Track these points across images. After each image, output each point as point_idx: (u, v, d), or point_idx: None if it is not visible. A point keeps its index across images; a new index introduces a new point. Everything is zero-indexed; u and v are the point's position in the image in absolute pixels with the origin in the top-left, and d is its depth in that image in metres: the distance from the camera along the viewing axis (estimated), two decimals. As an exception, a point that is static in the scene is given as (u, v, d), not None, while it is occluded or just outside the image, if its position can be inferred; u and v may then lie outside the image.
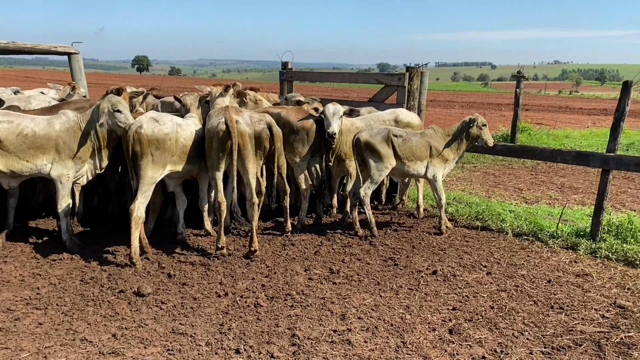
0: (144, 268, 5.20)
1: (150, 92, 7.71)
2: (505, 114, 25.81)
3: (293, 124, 6.30)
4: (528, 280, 5.15)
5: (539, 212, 7.47)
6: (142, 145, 5.13)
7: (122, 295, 4.60)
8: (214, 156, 5.38)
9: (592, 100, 44.23)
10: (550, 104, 36.34)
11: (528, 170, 11.44)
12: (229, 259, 5.53)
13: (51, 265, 5.22)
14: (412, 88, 7.48)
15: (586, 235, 6.28)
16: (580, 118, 25.56)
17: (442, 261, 5.58)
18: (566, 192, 9.41)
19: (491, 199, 8.47)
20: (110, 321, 4.14)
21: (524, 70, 13.83)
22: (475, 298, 4.71)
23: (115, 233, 6.18)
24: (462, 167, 11.45)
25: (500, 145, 7.06)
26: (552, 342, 3.98)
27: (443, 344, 3.92)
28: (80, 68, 7.95)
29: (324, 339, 3.94)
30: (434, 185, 6.45)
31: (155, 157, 5.19)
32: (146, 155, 5.15)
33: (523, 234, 6.50)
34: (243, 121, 5.40)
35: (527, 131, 14.80)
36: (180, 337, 3.94)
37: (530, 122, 17.52)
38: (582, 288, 4.99)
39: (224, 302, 4.52)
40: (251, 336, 3.96)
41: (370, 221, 6.39)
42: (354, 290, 4.84)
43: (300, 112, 6.49)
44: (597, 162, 6.18)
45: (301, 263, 5.49)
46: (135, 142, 5.12)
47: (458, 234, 6.55)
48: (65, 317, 4.19)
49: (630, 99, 6.01)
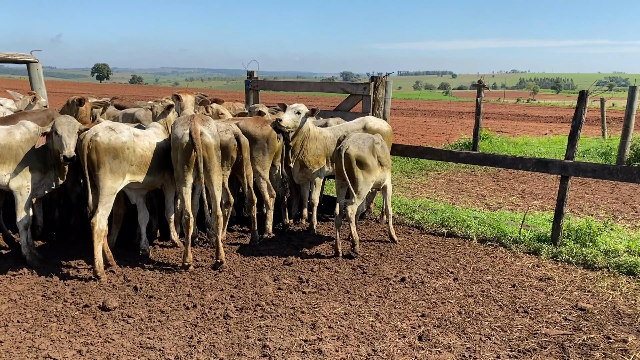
0: (109, 281, 5.08)
1: (111, 102, 7.57)
2: (467, 121, 26.38)
3: (251, 133, 6.30)
4: (493, 285, 5.26)
5: (502, 218, 7.65)
6: (99, 154, 4.97)
7: (87, 310, 4.48)
8: (179, 168, 5.29)
9: (549, 108, 45.66)
10: (509, 112, 37.33)
11: (490, 177, 11.71)
12: (197, 270, 5.46)
13: (11, 281, 5.05)
14: (377, 97, 7.58)
15: (547, 240, 6.46)
16: (538, 125, 26.35)
17: (409, 268, 5.65)
18: (527, 198, 9.67)
19: (456, 205, 8.63)
20: (75, 337, 4.03)
21: (484, 79, 14.13)
22: (443, 304, 4.78)
23: (77, 246, 6.03)
24: (427, 175, 11.63)
25: (464, 153, 7.21)
26: (518, 346, 4.07)
27: (413, 351, 3.96)
28: (40, 77, 7.74)
29: (295, 349, 3.93)
30: (389, 193, 6.57)
31: (113, 166, 5.05)
32: (103, 165, 5.00)
33: (487, 240, 6.64)
34: (209, 132, 5.32)
35: (488, 139, 15.15)
36: (148, 351, 3.86)
37: (491, 130, 17.98)
38: (545, 292, 5.12)
39: (193, 314, 4.46)
40: (221, 348, 3.92)
41: (355, 239, 5.99)
42: (323, 299, 4.84)
43: (258, 121, 6.52)
44: (556, 169, 6.37)
45: (270, 273, 5.46)
46: (92, 150, 4.96)
47: (424, 240, 6.64)
48: (27, 334, 4.05)
49: (587, 108, 6.23)
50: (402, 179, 11.04)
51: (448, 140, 16.21)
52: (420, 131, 21.67)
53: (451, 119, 28.64)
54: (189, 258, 5.41)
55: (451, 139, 16.30)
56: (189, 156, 5.19)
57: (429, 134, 20.46)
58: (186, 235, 5.40)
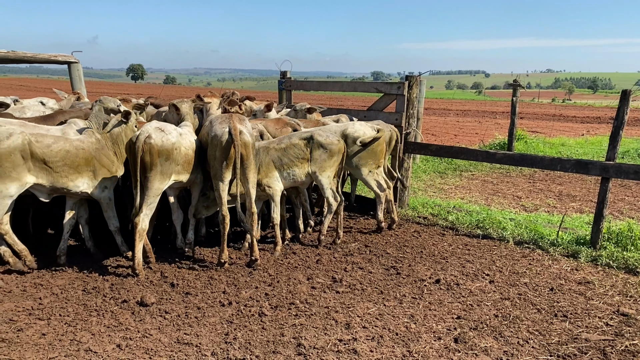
0: (146, 277, 5.18)
1: (147, 101, 7.68)
2: (500, 122, 25.98)
3: (272, 134, 6.45)
4: (531, 288, 5.16)
5: (539, 220, 7.50)
6: (152, 156, 5.03)
7: (126, 305, 4.57)
8: (217, 165, 5.33)
9: (586, 108, 44.52)
10: (544, 112, 36.55)
11: (526, 178, 11.49)
12: (232, 267, 5.52)
13: (53, 275, 5.19)
14: (411, 96, 7.52)
15: (586, 243, 6.31)
16: (574, 126, 25.71)
17: (444, 270, 5.59)
18: (564, 199, 9.45)
19: (491, 207, 8.50)
20: (114, 331, 4.12)
21: (519, 79, 13.88)
22: (479, 306, 4.72)
23: (115, 242, 6.16)
24: (460, 175, 11.49)
25: (500, 154, 7.08)
26: (557, 350, 3.98)
27: (449, 353, 3.91)
28: (80, 77, 7.94)
29: (330, 349, 3.93)
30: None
31: (164, 167, 5.14)
32: (155, 167, 5.07)
33: (524, 242, 6.52)
34: (246, 130, 5.39)
35: (523, 139, 14.88)
36: (185, 347, 3.92)
37: (526, 130, 17.63)
38: (585, 296, 5.00)
39: (228, 311, 4.50)
40: (257, 345, 3.95)
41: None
42: (357, 299, 4.83)
43: (278, 123, 6.58)
44: (596, 170, 6.21)
45: (303, 271, 5.48)
46: (145, 152, 5.02)
47: (459, 242, 6.56)
48: (68, 327, 4.16)
49: (629, 108, 6.05)
50: (436, 180, 10.94)
51: (482, 140, 15.99)
52: (452, 131, 21.40)
53: (484, 119, 28.24)
54: (225, 255, 5.47)
55: (485, 140, 16.07)
56: (228, 153, 5.24)
57: (462, 134, 20.20)
58: (222, 233, 5.46)
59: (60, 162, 4.96)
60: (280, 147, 6.02)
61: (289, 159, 6.00)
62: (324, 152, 6.02)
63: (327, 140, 6.05)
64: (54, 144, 4.94)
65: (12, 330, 4.08)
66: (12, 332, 4.05)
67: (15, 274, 5.14)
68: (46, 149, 4.88)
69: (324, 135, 6.08)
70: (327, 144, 6.03)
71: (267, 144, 6.07)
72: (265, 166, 5.95)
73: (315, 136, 6.06)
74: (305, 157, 6.05)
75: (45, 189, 5.03)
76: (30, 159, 4.80)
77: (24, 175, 4.78)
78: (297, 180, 6.11)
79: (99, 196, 5.32)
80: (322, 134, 6.10)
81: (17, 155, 4.69)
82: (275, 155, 5.99)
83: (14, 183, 4.73)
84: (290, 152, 6.00)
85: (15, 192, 4.78)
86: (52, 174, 4.96)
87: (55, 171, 4.96)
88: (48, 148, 4.90)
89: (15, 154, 4.68)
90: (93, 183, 5.23)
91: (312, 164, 6.06)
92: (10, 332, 4.05)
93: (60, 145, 4.98)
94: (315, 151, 6.02)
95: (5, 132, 4.68)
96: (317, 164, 6.05)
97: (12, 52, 7.24)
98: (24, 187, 4.85)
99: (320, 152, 6.02)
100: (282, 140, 6.09)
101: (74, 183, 5.11)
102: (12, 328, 4.11)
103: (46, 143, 4.90)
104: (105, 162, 5.29)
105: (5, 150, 4.63)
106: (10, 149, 4.66)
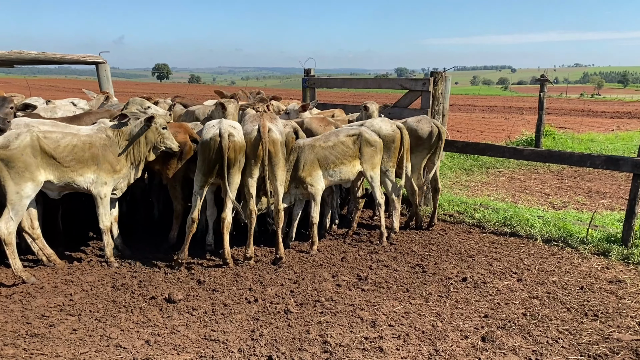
0: (173, 274, 5.24)
1: (174, 100, 7.77)
2: (527, 117, 25.57)
3: (314, 131, 6.40)
4: (560, 286, 5.07)
5: (568, 218, 7.36)
6: (236, 152, 5.26)
7: (154, 302, 4.63)
8: (246, 162, 5.45)
9: (615, 103, 43.56)
10: (572, 108, 35.87)
11: (554, 175, 11.29)
12: (257, 265, 5.55)
13: (82, 272, 5.29)
14: (437, 93, 7.45)
15: (617, 241, 6.17)
16: (604, 121, 25.16)
17: (471, 268, 5.53)
18: (594, 197, 9.26)
19: (518, 204, 8.37)
20: (142, 327, 4.18)
21: (547, 74, 13.62)
22: (507, 305, 4.65)
23: (144, 240, 6.26)
24: (487, 172, 11.35)
25: (528, 150, 6.97)
26: (588, 350, 3.91)
27: (476, 352, 3.87)
28: (108, 77, 8.07)
29: (356, 346, 3.92)
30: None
31: (241, 162, 5.38)
32: (237, 162, 5.32)
33: (552, 240, 6.41)
34: (276, 129, 5.49)
35: (551, 135, 14.62)
36: (212, 343, 3.95)
37: (554, 126, 17.32)
38: (616, 295, 4.89)
39: (254, 308, 4.53)
40: (283, 342, 3.96)
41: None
42: (383, 297, 4.81)
43: (322, 121, 6.57)
44: (628, 166, 6.06)
45: (328, 269, 5.48)
46: (230, 150, 5.20)
47: (486, 240, 6.48)
48: (98, 323, 4.24)
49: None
50: (461, 177, 10.82)
51: (509, 137, 15.76)
52: (478, 127, 21.14)
53: (511, 115, 27.84)
54: (251, 250, 5.56)
55: (512, 136, 15.84)
56: (257, 150, 5.35)
57: (488, 131, 19.94)
58: (249, 228, 5.53)
59: (68, 156, 4.97)
60: (327, 144, 5.99)
61: (336, 156, 5.96)
62: (372, 149, 6.02)
63: (373, 138, 6.03)
64: (62, 139, 4.96)
65: (44, 325, 4.17)
66: (44, 327, 4.14)
67: (47, 271, 5.26)
68: (54, 144, 4.90)
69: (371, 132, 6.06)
70: (374, 141, 6.02)
71: (312, 141, 6.03)
72: (309, 164, 5.92)
73: (364, 133, 6.03)
74: (354, 154, 6.02)
75: (54, 186, 5.04)
76: (40, 156, 4.82)
77: (37, 173, 4.81)
78: (343, 178, 6.08)
79: (97, 191, 5.26)
80: (369, 130, 6.09)
81: (28, 154, 4.72)
82: (321, 153, 5.96)
83: (28, 183, 4.76)
84: (337, 149, 5.97)
85: (32, 192, 4.81)
86: (60, 169, 4.97)
87: (64, 166, 4.98)
88: (56, 143, 4.91)
89: (26, 153, 4.70)
90: (94, 178, 5.21)
91: (362, 161, 6.06)
92: (43, 327, 4.14)
93: (68, 140, 4.99)
94: (365, 148, 6.01)
95: (14, 134, 4.69)
96: (367, 162, 6.07)
97: (42, 54, 7.39)
98: (39, 186, 4.87)
99: (369, 149, 6.02)
100: (328, 137, 6.07)
101: (83, 178, 5.12)
102: (45, 324, 4.20)
103: (54, 138, 4.92)
104: (110, 159, 5.26)
105: (16, 151, 4.66)
106: (21, 149, 4.68)
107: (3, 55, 7.09)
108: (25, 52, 7.33)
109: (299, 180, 5.91)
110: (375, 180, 6.16)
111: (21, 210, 4.81)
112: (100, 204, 5.31)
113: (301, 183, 5.92)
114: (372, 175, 6.13)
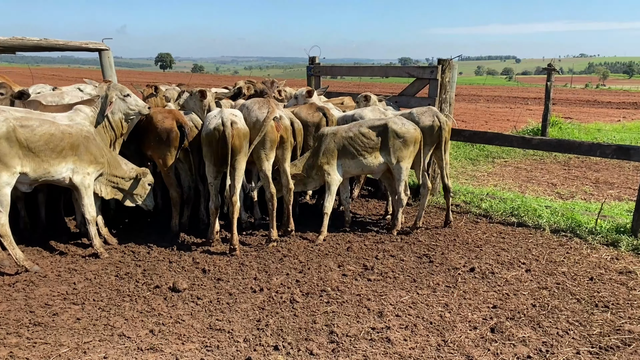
0: (178, 263, 5.19)
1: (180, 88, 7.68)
2: (532, 107, 25.37)
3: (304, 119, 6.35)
4: (569, 277, 5.00)
5: (576, 208, 7.27)
6: (240, 139, 5.34)
7: (158, 291, 4.58)
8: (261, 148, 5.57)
9: (621, 94, 43.22)
10: (577, 98, 35.59)
11: (560, 164, 11.18)
12: (262, 253, 5.49)
13: (86, 261, 5.24)
14: (444, 81, 7.34)
15: (627, 231, 6.09)
16: (610, 112, 24.95)
17: (479, 258, 5.46)
18: (601, 187, 9.16)
19: (525, 194, 8.28)
20: (147, 317, 4.13)
21: (553, 63, 13.46)
22: (515, 296, 4.59)
23: (147, 229, 6.21)
24: (493, 162, 11.25)
25: (537, 139, 6.87)
26: (599, 342, 3.84)
27: (485, 343, 3.81)
28: (111, 64, 7.98)
29: (363, 337, 3.86)
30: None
31: (246, 149, 5.44)
32: (242, 148, 5.39)
33: (561, 230, 6.33)
34: (285, 115, 5.69)
35: (557, 125, 14.48)
36: (217, 333, 3.90)
37: (560, 116, 17.18)
38: (627, 286, 4.82)
39: (260, 297, 4.48)
40: (289, 332, 3.91)
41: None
42: (389, 287, 4.75)
43: (311, 108, 6.53)
44: (638, 156, 5.96)
45: (334, 259, 5.41)
46: (235, 137, 5.27)
47: (493, 230, 6.41)
48: (102, 312, 4.19)
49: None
50: (467, 167, 10.73)
51: (515, 126, 15.62)
52: (483, 117, 20.98)
53: (516, 105, 27.62)
54: (274, 233, 5.74)
55: (518, 126, 15.70)
56: (273, 136, 5.53)
57: (493, 120, 19.79)
58: (270, 210, 5.72)
59: (43, 145, 4.78)
60: (348, 135, 5.91)
61: (356, 148, 5.90)
62: (400, 141, 5.91)
63: (402, 129, 5.92)
64: (39, 127, 4.77)
65: (47, 314, 4.13)
66: (47, 316, 4.10)
67: (50, 260, 5.21)
68: (30, 132, 4.71)
69: (399, 124, 5.94)
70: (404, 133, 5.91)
71: (335, 130, 6.00)
72: (329, 152, 5.91)
73: (390, 124, 5.91)
74: (376, 146, 5.93)
75: (27, 178, 4.84)
76: (17, 145, 4.62)
77: (14, 162, 4.62)
78: (364, 169, 6.04)
79: (79, 182, 5.16)
80: (397, 121, 5.97)
81: (3, 143, 4.53)
82: (342, 142, 5.90)
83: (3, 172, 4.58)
84: (359, 140, 5.89)
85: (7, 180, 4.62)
86: (35, 159, 4.78)
87: (38, 156, 4.79)
88: (32, 132, 4.72)
89: (1, 142, 4.52)
90: (75, 169, 5.10)
91: (386, 153, 5.95)
92: (46, 316, 4.10)
93: (45, 129, 4.80)
94: (391, 140, 5.89)
95: None
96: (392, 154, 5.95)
97: (44, 40, 7.30)
98: (15, 176, 4.68)
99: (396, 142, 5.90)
100: (351, 128, 6.00)
101: (55, 169, 4.95)
102: (48, 312, 4.15)
103: (31, 126, 4.73)
104: (93, 150, 5.17)
105: None
106: None
107: (5, 42, 7.00)
108: (27, 39, 7.24)
109: (318, 168, 5.97)
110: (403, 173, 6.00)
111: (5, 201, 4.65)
112: (85, 194, 5.24)
113: (319, 169, 5.98)
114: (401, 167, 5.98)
